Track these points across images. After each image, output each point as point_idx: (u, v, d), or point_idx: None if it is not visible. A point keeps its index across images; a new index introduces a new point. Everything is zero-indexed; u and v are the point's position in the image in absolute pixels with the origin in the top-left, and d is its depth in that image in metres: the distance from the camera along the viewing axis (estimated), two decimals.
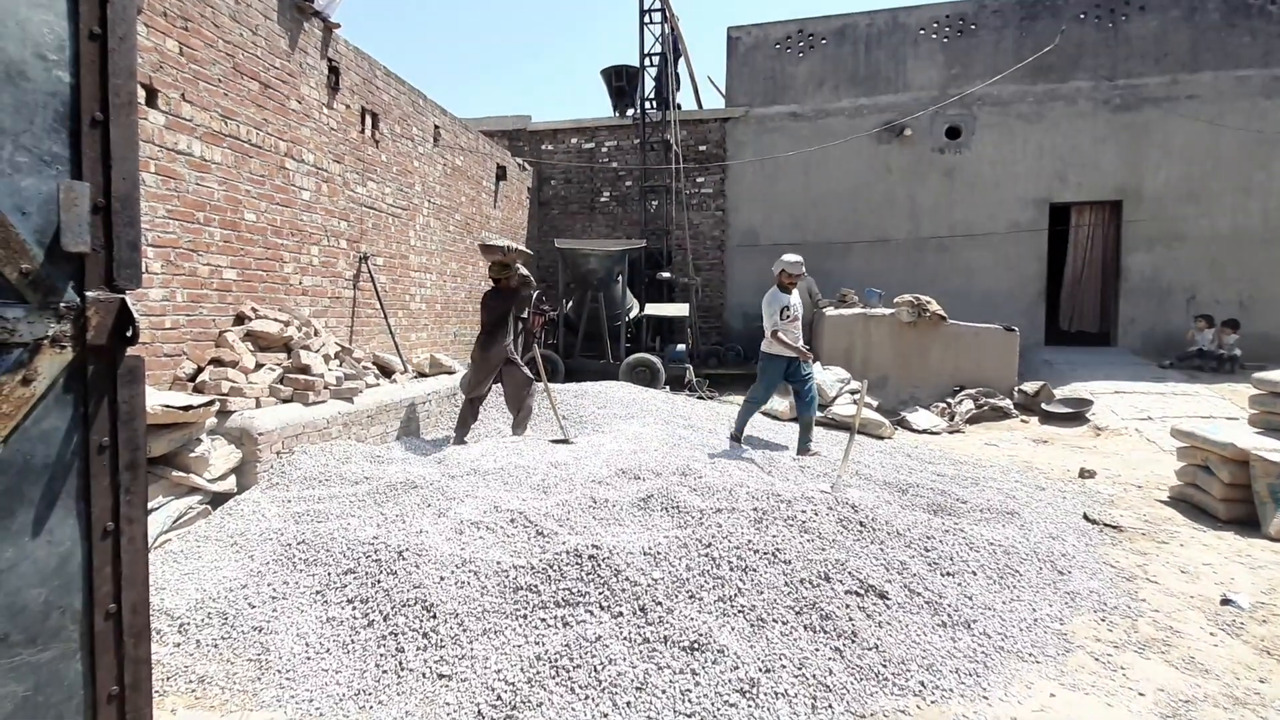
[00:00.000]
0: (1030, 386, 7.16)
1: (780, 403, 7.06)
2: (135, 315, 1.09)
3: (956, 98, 9.89)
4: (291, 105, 5.21)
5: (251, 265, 4.81)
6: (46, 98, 1.01)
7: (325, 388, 4.50)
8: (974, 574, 2.93)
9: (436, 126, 7.60)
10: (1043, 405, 6.92)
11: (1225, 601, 2.97)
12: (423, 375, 6.45)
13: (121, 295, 1.10)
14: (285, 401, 4.27)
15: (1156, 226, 9.45)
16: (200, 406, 3.49)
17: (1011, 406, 7.01)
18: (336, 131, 5.80)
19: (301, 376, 4.37)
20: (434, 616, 2.46)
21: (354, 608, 2.59)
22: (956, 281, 9.80)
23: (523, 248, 6.12)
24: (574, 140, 11.51)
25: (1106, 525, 3.84)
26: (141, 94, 3.88)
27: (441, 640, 2.38)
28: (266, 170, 4.94)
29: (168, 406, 3.33)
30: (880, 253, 10.27)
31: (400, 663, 2.32)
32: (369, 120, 6.30)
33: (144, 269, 3.90)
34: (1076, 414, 6.71)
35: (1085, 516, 3.94)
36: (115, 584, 1.13)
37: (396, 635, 2.42)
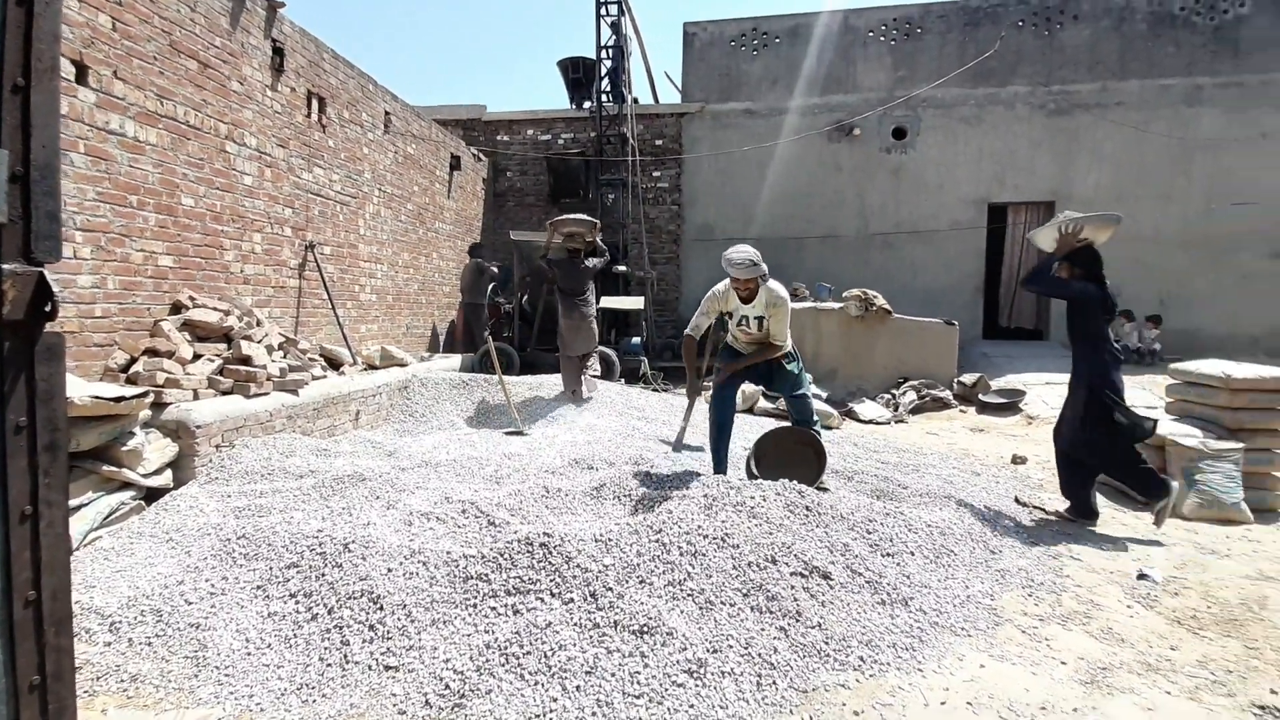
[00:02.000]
0: (969, 378, 7.47)
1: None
2: (54, 289, 1.05)
3: (903, 99, 10.19)
4: (233, 86, 5.02)
5: (189, 252, 4.62)
6: None
7: (268, 379, 4.37)
8: (912, 554, 3.06)
9: (387, 113, 7.42)
10: (980, 396, 7.23)
11: (1141, 576, 3.17)
12: (373, 368, 6.31)
13: (40, 268, 1.05)
14: (225, 393, 4.13)
15: None
16: (133, 398, 3.35)
17: (951, 397, 7.30)
18: (281, 115, 5.61)
19: (243, 368, 4.23)
20: (381, 608, 2.43)
21: (297, 602, 2.54)
22: (902, 277, 10.12)
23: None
24: (530, 131, 11.40)
25: (1035, 507, 4.04)
26: (71, 70, 3.68)
27: (388, 632, 2.35)
28: (205, 153, 4.75)
29: (98, 398, 3.18)
30: (831, 248, 10.52)
31: (345, 655, 2.28)
32: (316, 104, 6.11)
33: (73, 254, 3.72)
34: (1010, 404, 7.04)
35: (1016, 499, 4.15)
36: (34, 570, 1.09)
37: (341, 628, 2.38)
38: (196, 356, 4.17)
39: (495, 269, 9.04)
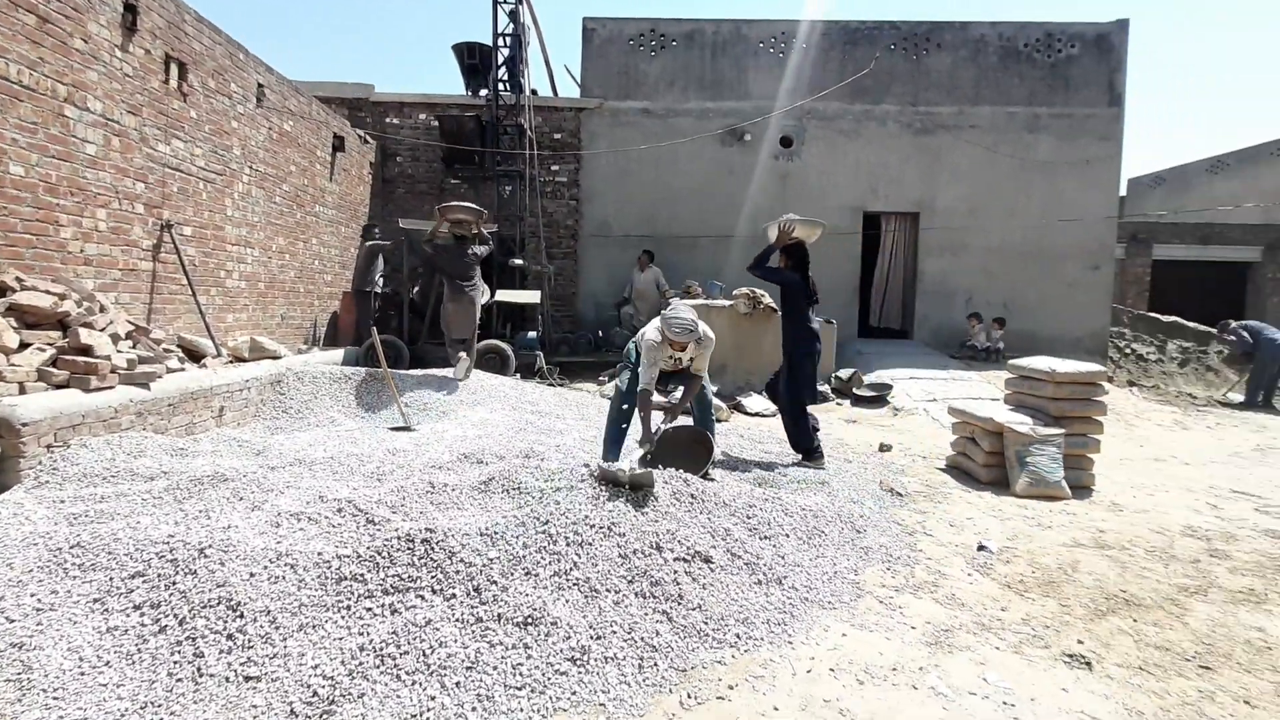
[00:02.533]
0: (844, 373, 8.02)
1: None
2: None
3: (789, 109, 10.74)
4: (75, 44, 4.45)
5: (17, 227, 4.06)
6: None
7: (113, 372, 3.93)
8: (787, 536, 3.26)
9: (261, 85, 6.86)
10: (854, 389, 7.79)
11: (980, 548, 3.56)
12: (241, 360, 5.84)
13: None
14: (60, 387, 3.67)
15: (945, 237, 10.97)
16: None
17: (829, 391, 7.81)
18: (133, 79, 5.04)
19: (81, 358, 3.77)
20: (241, 616, 2.27)
21: (142, 614, 2.32)
22: None
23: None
24: (422, 116, 10.94)
25: (894, 491, 4.43)
26: None
27: (250, 640, 2.20)
28: (40, 117, 4.19)
29: None
30: (723, 248, 10.91)
31: (199, 668, 2.11)
32: (175, 70, 5.54)
33: None
34: (880, 397, 7.64)
35: (881, 484, 4.52)
36: None
37: (195, 639, 2.20)
38: (24, 345, 3.68)
39: (388, 245, 8.65)
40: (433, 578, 2.51)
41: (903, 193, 10.96)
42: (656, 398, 4.33)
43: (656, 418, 4.19)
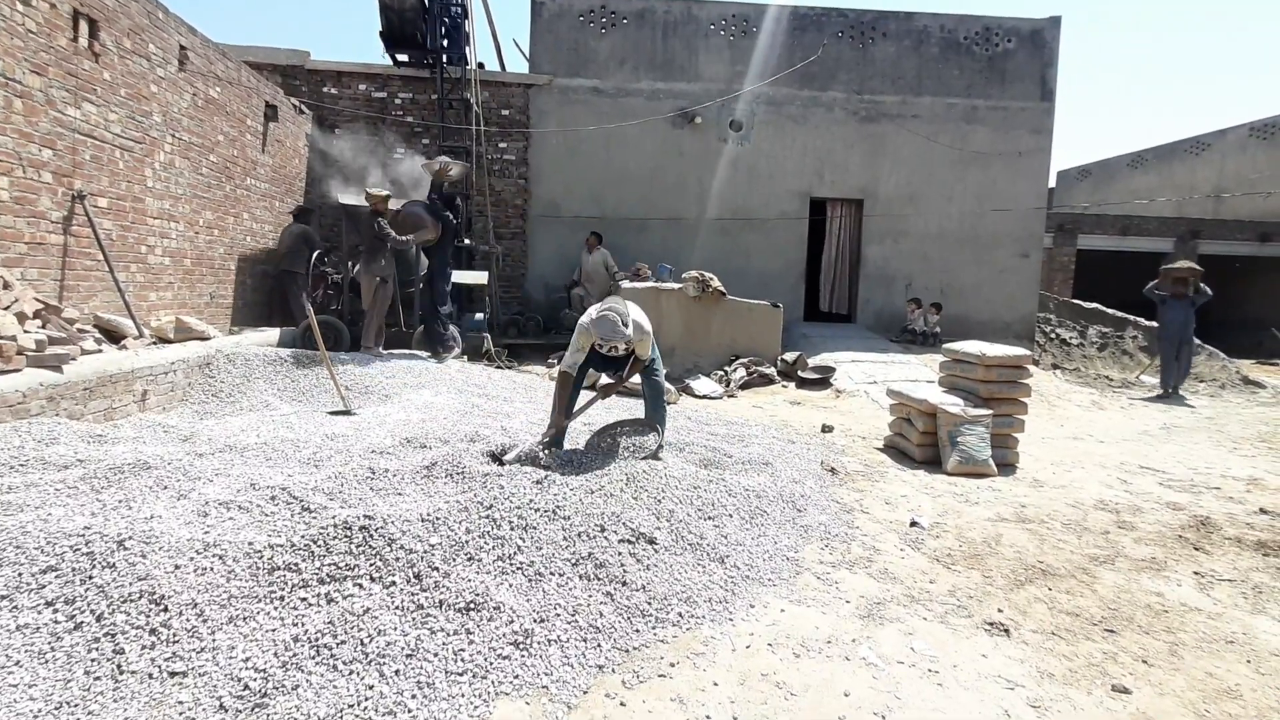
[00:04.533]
0: (790, 356, 8.20)
1: None
2: None
3: (739, 93, 10.78)
4: None
5: None
6: None
7: (19, 353, 3.66)
8: (730, 516, 3.33)
9: (183, 47, 6.42)
10: (799, 372, 7.99)
11: (912, 524, 3.72)
12: (165, 341, 5.53)
13: None
14: None
15: (887, 223, 11.30)
16: None
17: (775, 373, 7.98)
18: (36, 36, 4.64)
19: None
20: (165, 610, 2.17)
21: (55, 610, 2.19)
22: (736, 261, 10.79)
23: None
24: (362, 87, 10.48)
25: (834, 471, 4.57)
26: None
27: (175, 635, 2.11)
28: None
29: None
30: (673, 230, 10.92)
31: (119, 665, 2.02)
32: (84, 27, 5.12)
33: None
34: (823, 379, 7.85)
35: (822, 464, 4.66)
36: None
37: (114, 635, 2.10)
38: None
39: (310, 230, 8.27)
40: (371, 565, 2.46)
41: (848, 179, 11.20)
42: (604, 380, 4.31)
43: (584, 398, 4.11)
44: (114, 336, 5.03)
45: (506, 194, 10.78)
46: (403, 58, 9.91)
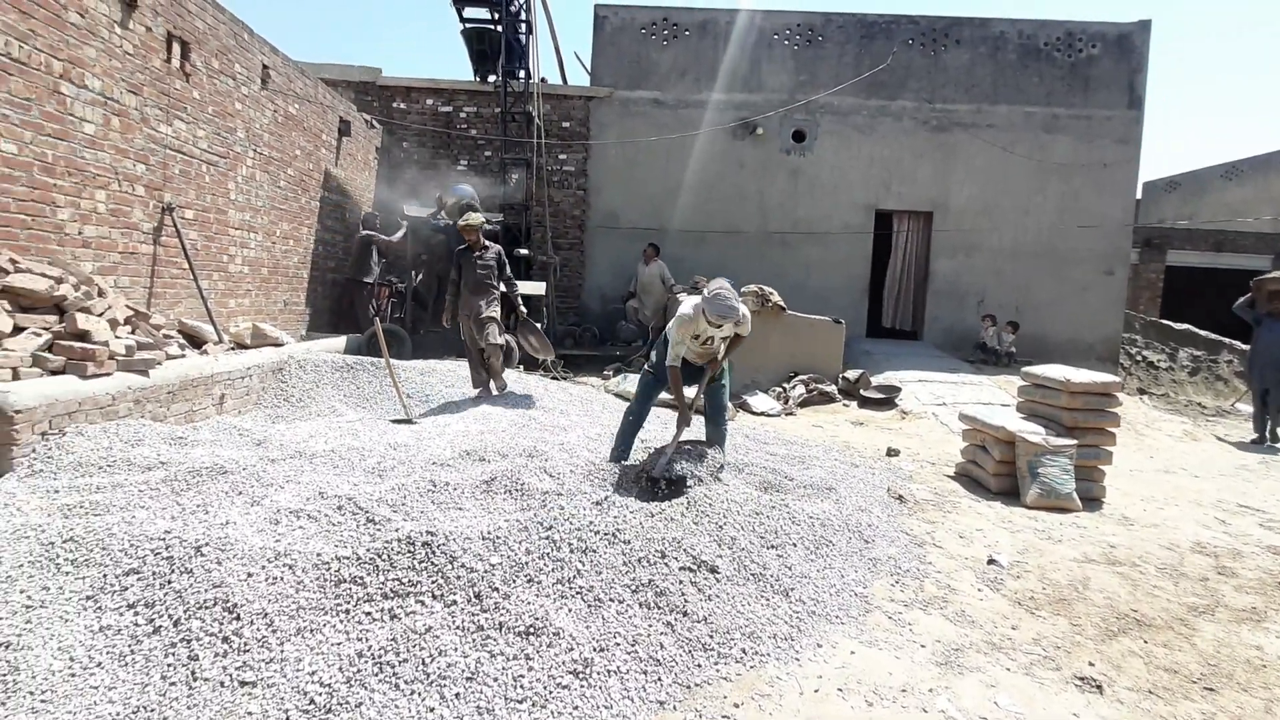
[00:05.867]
0: (852, 374, 7.93)
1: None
2: None
3: (803, 103, 10.58)
4: (70, 18, 4.35)
5: (11, 207, 3.98)
6: None
7: (111, 358, 3.86)
8: (794, 546, 3.20)
9: (266, 67, 6.75)
10: (861, 391, 7.71)
11: (990, 561, 3.49)
12: (242, 347, 5.77)
13: None
14: (56, 373, 3.61)
15: (958, 237, 10.85)
16: None
17: (836, 392, 7.73)
18: (134, 58, 4.94)
19: (78, 344, 3.70)
20: (238, 618, 2.21)
21: (136, 613, 2.26)
22: (796, 275, 10.56)
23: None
24: (430, 101, 10.81)
25: (902, 499, 4.35)
26: None
27: (246, 644, 2.15)
28: (34, 93, 4.09)
29: None
30: (731, 243, 10.79)
31: (193, 672, 2.06)
32: (177, 49, 5.43)
33: None
34: (888, 399, 7.55)
35: (889, 490, 4.45)
36: None
37: (190, 641, 2.15)
38: (18, 330, 3.61)
39: (382, 239, 8.51)
40: (433, 582, 2.45)
41: (917, 191, 10.82)
42: (663, 395, 4.23)
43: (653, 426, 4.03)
44: (196, 341, 5.28)
45: (565, 205, 10.89)
46: (473, 14, 10.04)
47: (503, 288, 6.21)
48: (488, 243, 6.12)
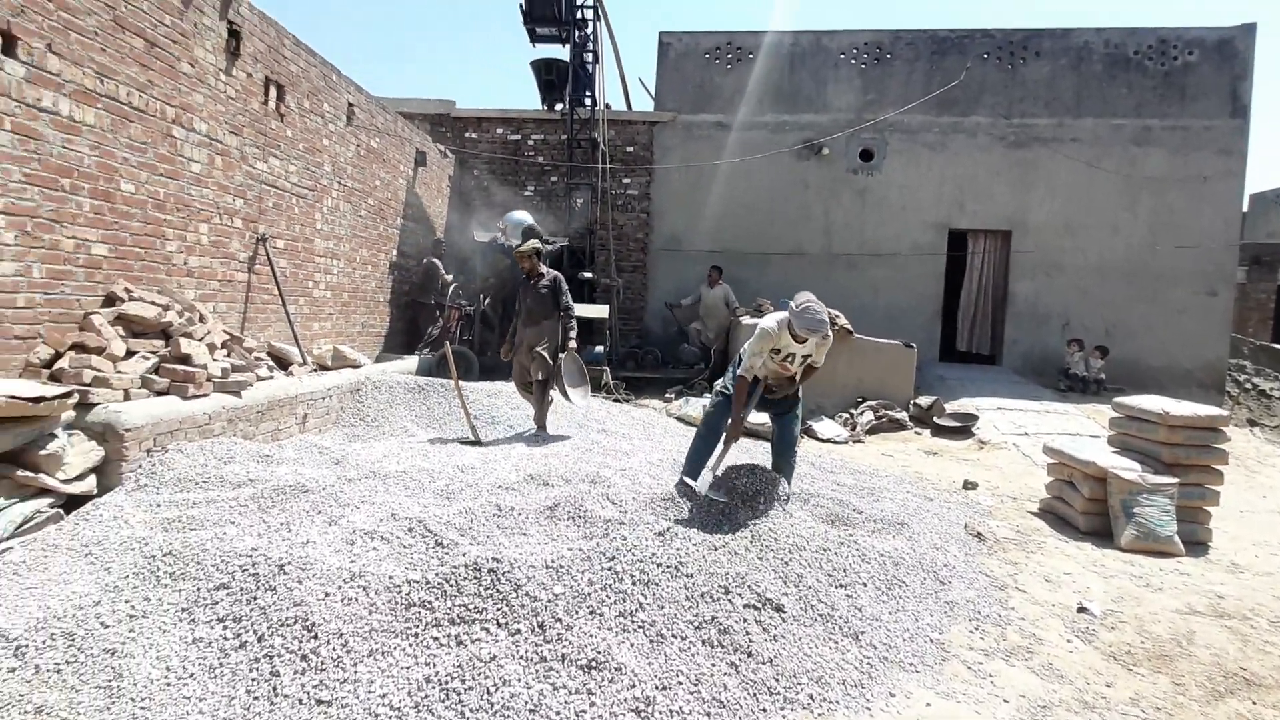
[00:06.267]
0: (924, 400, 7.62)
1: (694, 407, 7.16)
2: None
3: (871, 122, 10.38)
4: (183, 68, 4.77)
5: (127, 241, 4.36)
6: None
7: (208, 380, 4.15)
8: (864, 585, 3.07)
9: (350, 104, 7.19)
10: (935, 419, 7.38)
11: (1081, 609, 3.25)
12: (324, 368, 6.09)
13: None
14: (160, 394, 3.90)
15: (1039, 256, 10.31)
16: (54, 398, 3.13)
17: (907, 419, 7.44)
18: (235, 101, 5.36)
19: (181, 367, 4.00)
20: (315, 637, 2.30)
21: (225, 627, 2.39)
22: (863, 297, 10.29)
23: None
24: (499, 130, 11.22)
25: (981, 536, 4.12)
26: None
27: (322, 663, 2.23)
28: (150, 137, 4.49)
29: (13, 398, 2.96)
30: (795, 265, 10.63)
31: (274, 688, 2.15)
32: (273, 92, 5.87)
33: None
34: (964, 428, 7.20)
35: (966, 527, 4.22)
36: None
37: (272, 658, 2.25)
38: (130, 353, 3.93)
39: (443, 270, 8.85)
40: (498, 610, 2.48)
41: (993, 209, 10.38)
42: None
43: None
44: (282, 363, 5.61)
45: (629, 228, 11.02)
46: (545, 39, 10.30)
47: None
48: (544, 269, 5.77)
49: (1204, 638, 3.07)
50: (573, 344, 5.56)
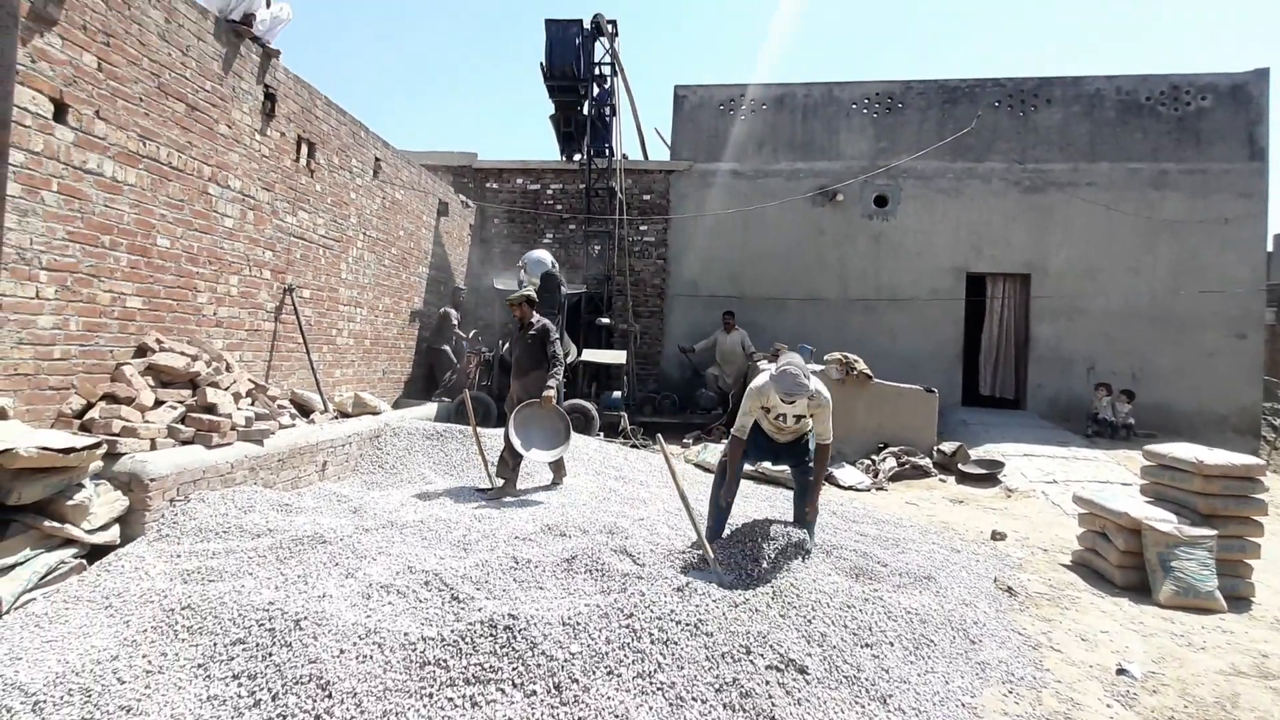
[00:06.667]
0: (948, 446, 7.47)
1: (713, 453, 7.10)
2: None
3: (884, 169, 10.52)
4: (220, 130, 5.00)
5: (160, 293, 4.51)
6: None
7: (232, 429, 4.21)
8: (891, 644, 2.96)
9: (377, 159, 7.46)
10: (959, 465, 7.23)
11: (1120, 671, 3.10)
12: (345, 415, 6.15)
13: None
14: (185, 443, 3.96)
15: (1060, 300, 10.23)
16: (84, 449, 3.19)
17: (931, 465, 7.29)
18: (268, 159, 5.59)
19: (206, 416, 4.07)
20: (329, 696, 2.27)
21: (240, 684, 2.36)
22: (881, 341, 10.24)
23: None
24: (519, 180, 11.54)
25: (1012, 591, 3.97)
26: (49, 109, 3.63)
27: None
28: (187, 195, 4.69)
29: (45, 449, 3.02)
30: (811, 310, 10.65)
31: None
32: (305, 149, 6.12)
33: (35, 294, 3.59)
34: (990, 475, 7.04)
35: (995, 581, 4.08)
36: None
37: (286, 718, 2.21)
38: (158, 403, 4.02)
39: (453, 318, 8.98)
40: (514, 669, 2.43)
41: (1010, 253, 10.38)
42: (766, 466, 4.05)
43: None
44: (304, 410, 5.68)
45: (645, 274, 11.16)
46: (562, 88, 10.47)
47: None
48: (535, 318, 5.43)
49: (1249, 700, 2.91)
50: (549, 392, 5.16)
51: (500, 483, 5.21)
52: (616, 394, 8.69)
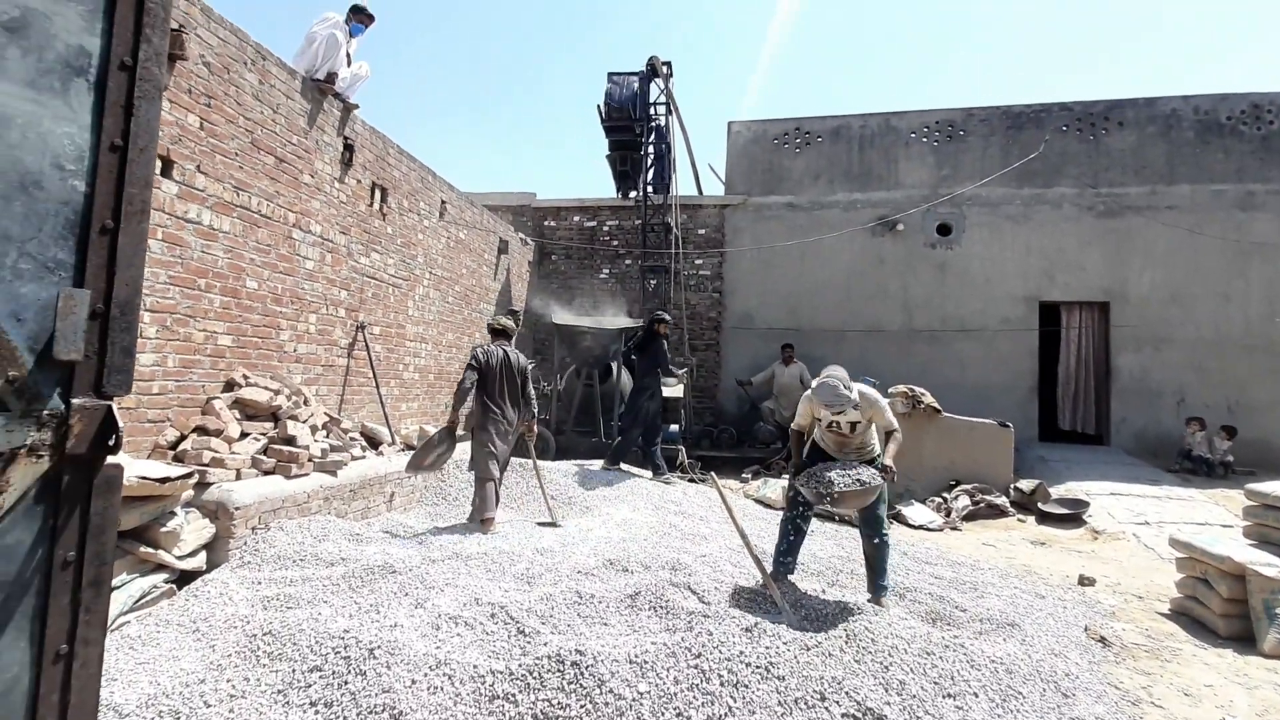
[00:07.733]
0: (1026, 485, 7.08)
1: (774, 488, 6.94)
2: (120, 423, 1.05)
3: (947, 197, 10.29)
4: (304, 179, 5.35)
5: (248, 332, 4.80)
6: (58, 206, 1.01)
7: (309, 460, 4.39)
8: (975, 695, 2.78)
9: (443, 201, 7.81)
10: (1039, 505, 6.82)
11: None
12: (410, 448, 6.32)
13: (108, 402, 1.06)
14: (267, 473, 4.16)
15: (1143, 329, 9.66)
16: (178, 479, 3.38)
17: (1008, 504, 6.90)
18: (346, 204, 5.93)
19: (286, 448, 4.27)
20: None
21: (317, 711, 2.41)
22: (949, 373, 9.88)
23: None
24: (576, 218, 11.83)
25: (1105, 641, 3.68)
26: (157, 165, 3.97)
27: None
28: (273, 240, 5.02)
29: (144, 479, 3.22)
30: (873, 342, 10.40)
31: None
32: (378, 194, 6.47)
33: (139, 334, 3.87)
34: (1074, 515, 6.60)
35: (1086, 630, 3.80)
36: (61, 715, 1.04)
37: None
38: (243, 435, 4.24)
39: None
40: (582, 707, 2.40)
41: (1086, 280, 9.91)
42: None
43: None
44: (373, 442, 5.88)
45: (701, 307, 11.18)
46: (619, 128, 10.72)
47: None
48: (507, 349, 5.27)
49: None
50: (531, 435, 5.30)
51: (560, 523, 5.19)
52: (674, 428, 8.64)
